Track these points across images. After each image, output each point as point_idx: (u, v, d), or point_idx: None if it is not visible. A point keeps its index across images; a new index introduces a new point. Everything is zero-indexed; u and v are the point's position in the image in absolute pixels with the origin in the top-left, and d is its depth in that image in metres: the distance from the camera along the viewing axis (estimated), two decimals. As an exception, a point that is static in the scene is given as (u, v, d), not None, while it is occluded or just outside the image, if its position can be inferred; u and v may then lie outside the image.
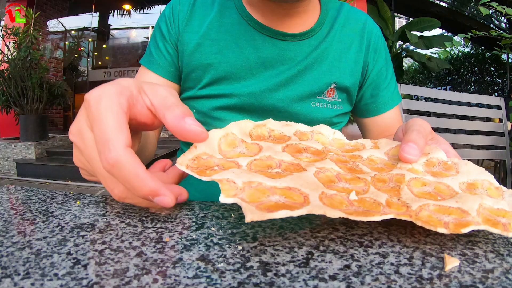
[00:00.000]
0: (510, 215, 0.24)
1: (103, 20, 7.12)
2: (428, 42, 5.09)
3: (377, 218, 0.22)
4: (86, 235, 0.25)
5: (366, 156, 0.34)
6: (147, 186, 0.24)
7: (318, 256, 0.22)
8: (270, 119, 0.36)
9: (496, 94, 8.03)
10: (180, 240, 0.24)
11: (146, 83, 0.29)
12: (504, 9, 1.56)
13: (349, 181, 0.28)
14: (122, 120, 0.25)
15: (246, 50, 0.56)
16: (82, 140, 0.27)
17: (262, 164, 0.29)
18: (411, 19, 5.46)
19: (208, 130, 0.29)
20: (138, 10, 7.25)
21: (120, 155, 0.23)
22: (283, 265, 0.21)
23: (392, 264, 0.21)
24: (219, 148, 0.31)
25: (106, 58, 7.41)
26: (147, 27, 7.09)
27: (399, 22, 8.78)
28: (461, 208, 0.25)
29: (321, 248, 0.23)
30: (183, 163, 0.27)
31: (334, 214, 0.21)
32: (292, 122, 0.37)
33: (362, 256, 0.22)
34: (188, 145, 0.24)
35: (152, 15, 7.00)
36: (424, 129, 0.34)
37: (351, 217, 0.22)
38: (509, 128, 1.64)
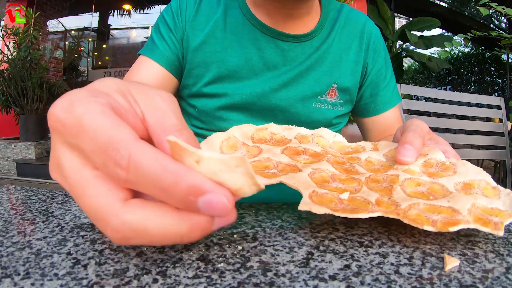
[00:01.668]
0: (503, 214, 0.24)
1: (103, 20, 7.12)
2: (428, 42, 5.08)
3: (363, 215, 0.22)
4: (86, 235, 0.25)
5: (364, 158, 0.34)
6: (184, 181, 0.16)
7: (318, 256, 0.22)
8: (272, 123, 0.37)
9: (496, 94, 8.03)
10: (180, 240, 0.24)
11: (133, 83, 0.22)
12: (504, 9, 1.56)
13: (343, 181, 0.28)
14: (113, 117, 0.18)
15: (249, 50, 0.56)
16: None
17: (260, 165, 0.29)
18: (411, 19, 5.46)
19: (210, 131, 0.29)
20: (138, 10, 7.25)
21: (133, 150, 0.17)
22: (283, 265, 0.21)
23: (392, 264, 0.21)
24: (221, 150, 0.32)
25: (106, 58, 7.41)
26: (147, 27, 7.10)
27: (399, 22, 8.78)
28: (452, 207, 0.24)
29: (321, 248, 0.23)
30: None
31: (319, 210, 0.22)
32: (294, 126, 0.38)
33: (362, 256, 0.22)
34: None
35: (152, 15, 7.00)
36: (421, 130, 0.34)
37: (337, 214, 0.22)
38: (509, 128, 1.64)
